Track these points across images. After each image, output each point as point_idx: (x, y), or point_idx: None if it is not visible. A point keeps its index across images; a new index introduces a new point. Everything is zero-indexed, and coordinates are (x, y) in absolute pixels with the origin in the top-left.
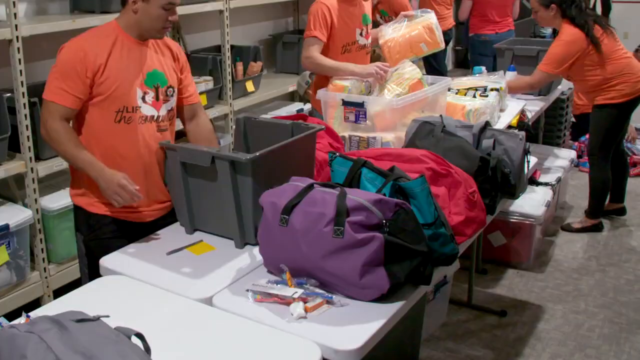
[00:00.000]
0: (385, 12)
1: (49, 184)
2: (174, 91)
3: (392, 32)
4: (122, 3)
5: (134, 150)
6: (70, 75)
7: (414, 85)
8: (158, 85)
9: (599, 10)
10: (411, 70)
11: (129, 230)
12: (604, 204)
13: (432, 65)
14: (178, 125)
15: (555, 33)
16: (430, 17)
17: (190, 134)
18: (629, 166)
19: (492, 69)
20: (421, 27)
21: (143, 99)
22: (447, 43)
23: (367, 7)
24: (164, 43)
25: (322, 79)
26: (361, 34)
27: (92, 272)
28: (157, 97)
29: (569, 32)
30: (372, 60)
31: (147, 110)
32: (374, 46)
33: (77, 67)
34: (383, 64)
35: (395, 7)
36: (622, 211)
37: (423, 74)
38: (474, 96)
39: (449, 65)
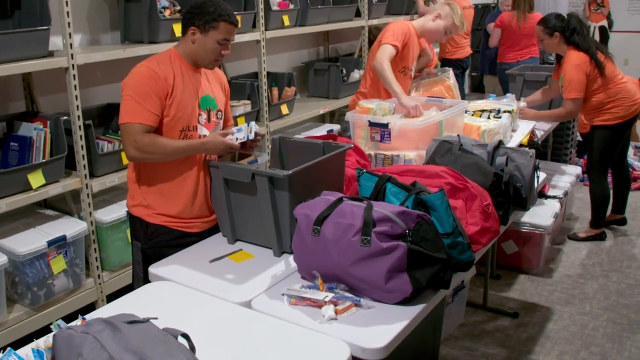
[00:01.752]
0: None
1: (102, 199)
2: (222, 115)
3: (416, 87)
4: (183, 32)
5: (193, 168)
6: (149, 95)
7: None
8: (210, 109)
9: (597, 39)
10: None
11: (182, 239)
12: (606, 215)
13: None
14: None
15: (558, 60)
16: (447, 77)
17: None
18: (631, 180)
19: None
20: (442, 87)
21: (198, 120)
22: (464, 70)
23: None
24: (213, 73)
25: (359, 97)
26: (414, 66)
27: (147, 277)
28: (208, 119)
29: (575, 56)
30: None
31: (201, 130)
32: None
33: (153, 87)
34: (420, 108)
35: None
36: (623, 221)
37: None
38: (489, 117)
39: (466, 90)
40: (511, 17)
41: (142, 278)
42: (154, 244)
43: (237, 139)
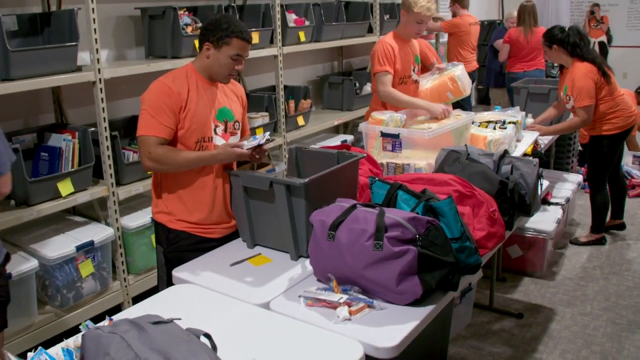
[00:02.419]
0: None
1: (128, 206)
2: (239, 125)
3: (425, 83)
4: (199, 48)
5: (209, 177)
6: (163, 110)
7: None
8: (227, 120)
9: None
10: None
11: (202, 244)
12: (605, 220)
13: (459, 102)
14: None
15: (561, 71)
16: (454, 70)
17: None
18: (627, 187)
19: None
20: (446, 78)
21: (215, 131)
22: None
23: (418, 50)
24: (231, 86)
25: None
26: (414, 70)
27: (169, 279)
28: (226, 130)
29: (582, 66)
30: None
31: (218, 141)
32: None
33: (167, 102)
34: (448, 108)
35: (422, 59)
36: (622, 226)
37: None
38: (494, 128)
39: (473, 102)
40: (519, 32)
41: (165, 281)
42: (175, 248)
43: (252, 145)
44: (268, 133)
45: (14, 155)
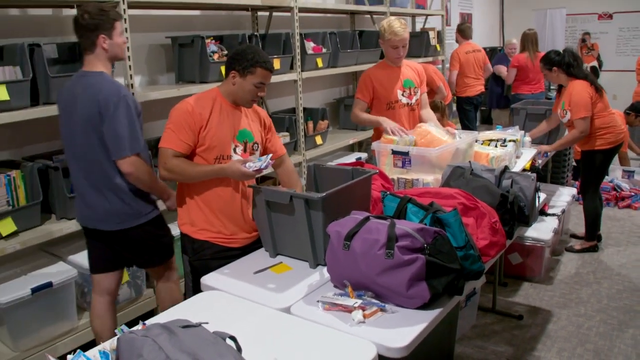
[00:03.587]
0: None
1: None
2: (258, 146)
3: (434, 128)
4: (226, 75)
5: (228, 191)
6: (183, 127)
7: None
8: (246, 141)
9: None
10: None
11: (224, 253)
12: (598, 229)
13: (465, 122)
14: None
15: (559, 90)
16: (457, 138)
17: (279, 177)
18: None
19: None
20: (435, 135)
21: (235, 150)
22: (476, 105)
23: (411, 74)
24: (253, 110)
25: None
26: (403, 95)
27: (195, 286)
28: (245, 150)
29: (578, 83)
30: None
31: (236, 159)
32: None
33: (188, 121)
34: (399, 128)
35: (428, 83)
36: (598, 237)
37: (458, 128)
38: (496, 146)
39: (477, 122)
40: (525, 58)
41: (191, 288)
42: (199, 257)
43: (256, 167)
44: (269, 156)
45: (141, 144)
